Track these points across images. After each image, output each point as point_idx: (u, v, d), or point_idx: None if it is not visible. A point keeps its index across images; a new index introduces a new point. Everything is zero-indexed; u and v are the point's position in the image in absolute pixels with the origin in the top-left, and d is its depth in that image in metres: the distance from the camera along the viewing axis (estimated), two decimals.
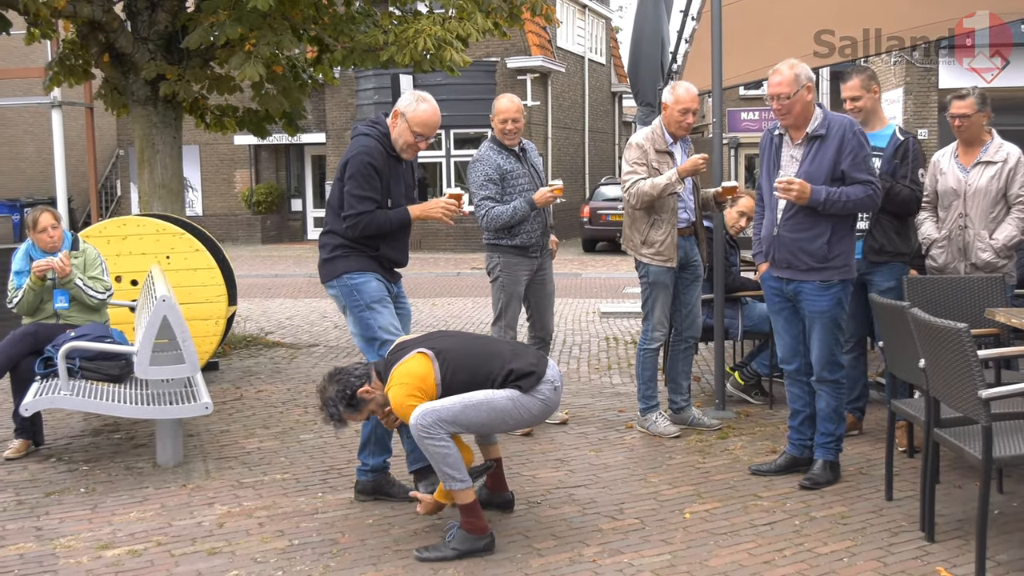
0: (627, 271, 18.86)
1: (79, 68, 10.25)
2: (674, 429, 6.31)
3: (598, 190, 24.38)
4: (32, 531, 4.80)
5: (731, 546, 4.48)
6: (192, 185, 29.53)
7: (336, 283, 5.00)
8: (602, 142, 33.37)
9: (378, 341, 4.92)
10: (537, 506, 5.05)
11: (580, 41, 30.37)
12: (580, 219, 23.92)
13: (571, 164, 29.43)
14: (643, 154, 6.19)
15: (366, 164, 4.89)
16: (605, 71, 33.68)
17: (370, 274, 4.98)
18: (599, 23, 32.96)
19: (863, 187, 5.09)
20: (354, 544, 4.56)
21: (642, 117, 11.36)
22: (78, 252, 6.52)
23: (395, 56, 9.15)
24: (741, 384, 7.20)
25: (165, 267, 7.60)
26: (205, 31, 8.81)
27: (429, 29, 9.13)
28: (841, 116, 5.22)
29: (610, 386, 7.94)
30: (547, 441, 6.27)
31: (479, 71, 23.87)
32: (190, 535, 4.70)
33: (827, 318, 5.20)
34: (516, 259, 6.49)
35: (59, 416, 6.86)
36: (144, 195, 9.75)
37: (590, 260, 21.87)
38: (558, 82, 27.47)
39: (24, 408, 5.59)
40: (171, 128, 9.70)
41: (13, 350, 6.09)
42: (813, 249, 5.16)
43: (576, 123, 29.83)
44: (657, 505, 5.04)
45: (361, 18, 9.79)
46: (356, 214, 4.89)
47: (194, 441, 6.33)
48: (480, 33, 9.53)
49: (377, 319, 4.95)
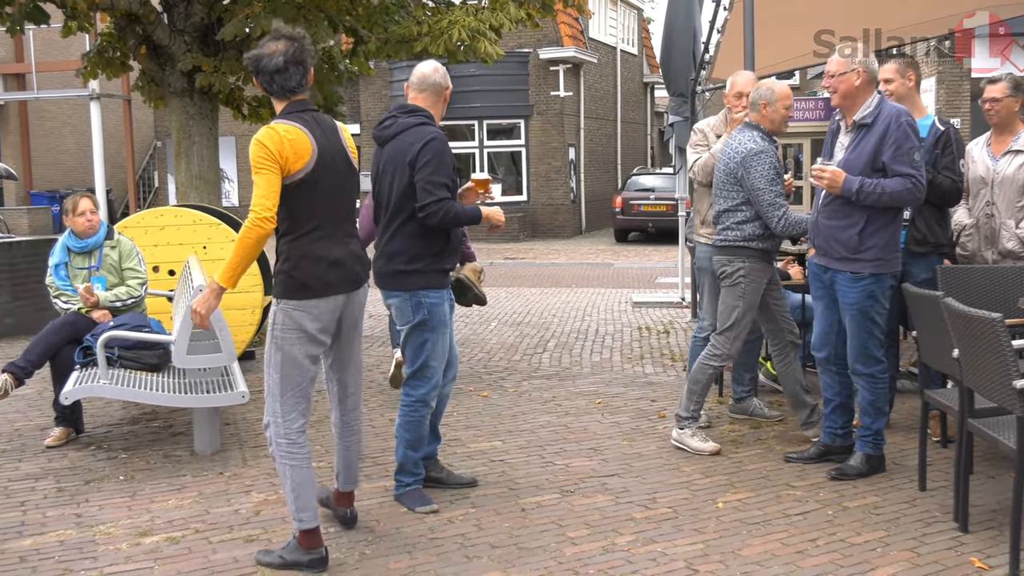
0: (659, 261, 18.83)
1: (116, 60, 10.37)
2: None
3: (630, 180, 24.35)
4: (72, 518, 4.88)
5: (764, 536, 4.49)
6: (228, 176, 29.73)
7: (408, 296, 4.78)
8: (634, 132, 33.26)
9: (426, 367, 4.86)
10: (570, 495, 5.08)
11: (612, 32, 30.27)
12: (612, 209, 23.88)
13: (603, 155, 29.37)
14: (703, 137, 6.31)
15: (443, 150, 4.72)
16: (637, 62, 33.55)
17: (444, 293, 4.84)
18: (631, 14, 32.82)
19: (903, 180, 4.98)
20: (389, 532, 4.61)
21: (674, 107, 11.34)
22: (113, 242, 6.61)
23: (429, 47, 9.19)
24: (773, 374, 7.18)
25: (202, 257, 7.68)
26: (240, 23, 8.88)
27: (463, 20, 9.17)
28: (894, 106, 5.11)
29: (642, 375, 7.94)
30: (580, 430, 6.30)
31: (511, 62, 23.83)
32: (227, 522, 4.77)
33: (857, 310, 5.14)
34: (761, 265, 5.74)
35: (98, 405, 6.96)
36: (181, 186, 9.85)
37: (622, 250, 21.84)
38: (590, 73, 27.40)
39: (64, 396, 5.68)
40: (207, 119, 9.79)
41: (53, 339, 6.18)
42: (844, 238, 5.12)
43: (608, 114, 29.75)
44: (690, 495, 5.05)
45: (395, 9, 9.83)
46: (437, 200, 4.64)
47: (231, 430, 6.40)
48: (513, 23, 9.56)
49: (435, 346, 4.83)
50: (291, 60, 4.11)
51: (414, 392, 4.90)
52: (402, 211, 4.76)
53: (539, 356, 8.86)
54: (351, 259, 4.26)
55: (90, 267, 6.49)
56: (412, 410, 4.91)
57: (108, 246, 6.56)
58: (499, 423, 6.51)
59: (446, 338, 4.91)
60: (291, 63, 4.11)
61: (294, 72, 4.13)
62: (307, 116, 4.18)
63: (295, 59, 4.12)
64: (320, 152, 4.13)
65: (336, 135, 4.29)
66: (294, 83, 4.16)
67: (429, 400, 4.92)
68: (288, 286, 4.14)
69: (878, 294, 5.15)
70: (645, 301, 12.32)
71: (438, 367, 4.90)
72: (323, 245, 4.17)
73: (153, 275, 7.56)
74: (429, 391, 4.90)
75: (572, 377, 7.94)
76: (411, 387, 4.92)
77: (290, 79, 4.14)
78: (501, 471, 5.48)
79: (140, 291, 6.58)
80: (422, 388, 4.89)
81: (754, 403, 6.50)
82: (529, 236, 25.20)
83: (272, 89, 4.18)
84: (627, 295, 13.30)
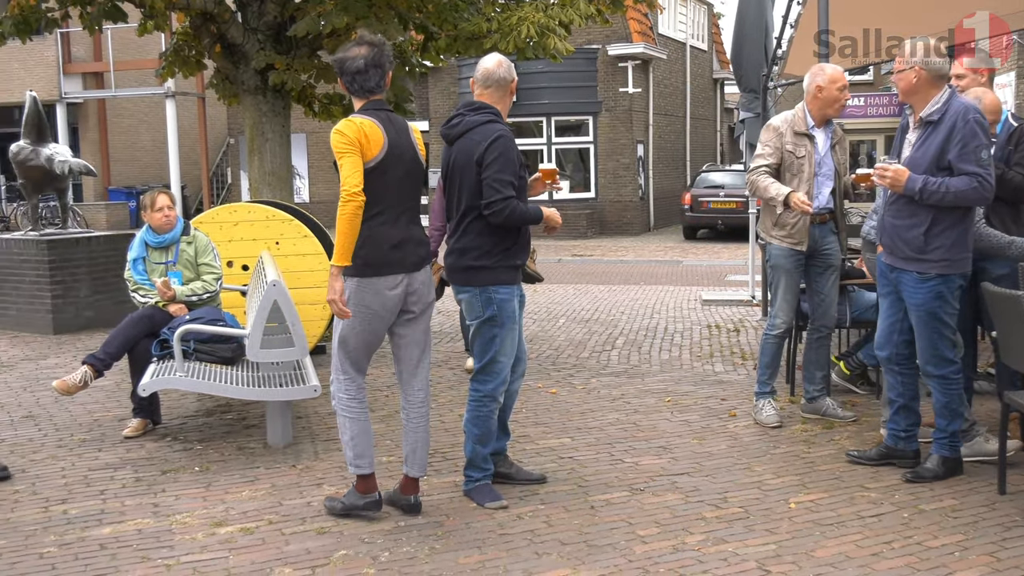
0: (729, 259, 18.65)
1: (192, 59, 10.56)
2: (775, 419, 6.24)
3: (699, 177, 24.15)
4: (150, 507, 4.98)
5: (837, 537, 4.42)
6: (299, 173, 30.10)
7: (478, 292, 4.82)
8: (704, 129, 33.00)
9: (494, 363, 4.89)
10: (640, 493, 5.05)
11: (682, 27, 30.05)
12: (681, 206, 23.72)
13: (672, 151, 29.18)
14: (777, 137, 6.12)
15: (509, 148, 4.74)
16: (707, 57, 33.27)
17: (513, 289, 4.87)
18: (701, 9, 32.56)
19: (968, 179, 4.85)
20: (458, 527, 4.63)
21: (745, 103, 11.23)
22: (189, 238, 6.72)
23: (498, 44, 9.20)
24: (847, 374, 7.08)
25: (275, 252, 7.78)
26: (312, 20, 8.98)
27: (532, 16, 9.16)
28: (963, 102, 4.98)
29: (712, 374, 7.88)
30: (649, 428, 6.27)
31: (580, 58, 23.76)
32: (299, 514, 4.83)
33: (924, 311, 5.04)
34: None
35: (174, 396, 7.09)
36: (254, 182, 9.99)
37: (691, 247, 21.68)
38: (659, 69, 27.23)
39: (142, 388, 5.79)
40: (280, 117, 9.92)
41: (132, 332, 6.31)
42: (910, 238, 5.03)
43: (677, 110, 29.54)
44: (761, 494, 5.00)
45: (464, 6, 9.85)
46: (503, 199, 4.67)
47: (302, 423, 6.48)
48: (583, 19, 9.53)
49: (504, 341, 4.86)
50: (371, 63, 4.55)
51: (482, 387, 4.93)
52: (472, 208, 4.80)
53: (608, 353, 8.83)
54: (412, 243, 4.64)
55: (167, 262, 6.62)
56: (480, 405, 4.93)
57: (185, 241, 6.68)
58: (568, 420, 6.51)
59: (514, 334, 4.93)
60: (371, 66, 4.55)
61: (373, 74, 4.57)
62: (382, 114, 4.60)
63: (375, 62, 4.55)
64: (390, 145, 4.54)
65: (407, 133, 4.70)
66: (372, 84, 4.59)
67: (497, 395, 4.94)
68: (354, 264, 4.52)
69: (946, 294, 5.03)
70: (715, 299, 12.21)
71: (506, 362, 4.92)
72: (386, 229, 4.56)
73: (227, 270, 7.68)
74: (497, 386, 4.92)
75: (641, 375, 7.90)
76: (479, 382, 4.94)
77: (369, 80, 4.58)
78: (570, 468, 5.48)
79: (215, 286, 6.68)
80: (490, 383, 4.92)
81: (827, 403, 6.41)
82: (597, 233, 25.13)
83: (353, 88, 4.62)
84: (696, 293, 13.19)
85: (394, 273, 4.57)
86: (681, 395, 7.16)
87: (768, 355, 6.36)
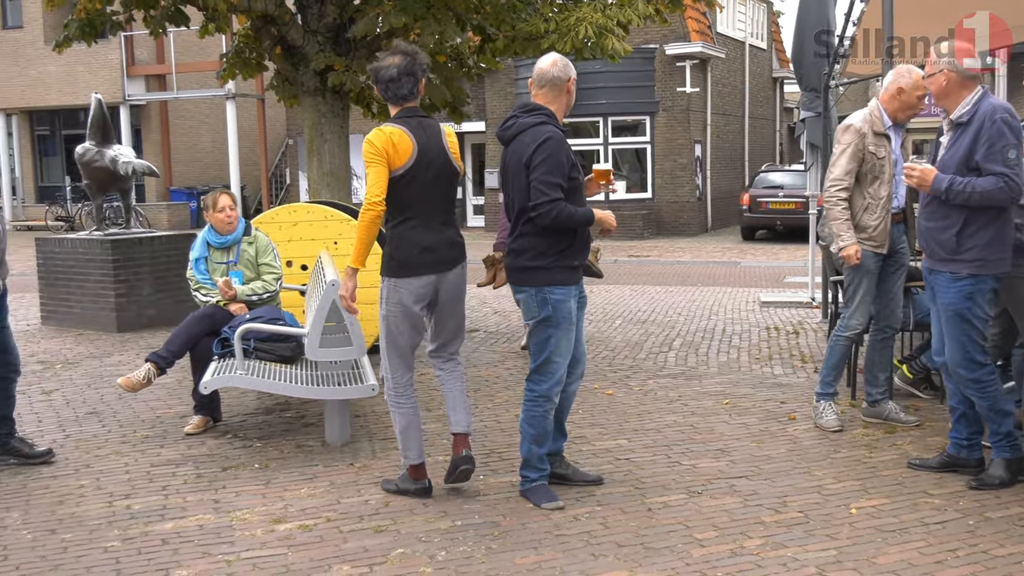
0: (788, 260, 18.45)
1: (253, 61, 10.69)
2: (836, 424, 6.14)
3: (758, 177, 23.92)
4: (211, 503, 5.04)
5: (900, 544, 4.35)
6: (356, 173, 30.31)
7: (533, 292, 4.81)
8: (762, 128, 32.68)
9: (549, 363, 4.88)
10: (698, 496, 5.01)
11: (740, 26, 29.80)
12: (739, 207, 23.52)
13: (730, 151, 28.94)
14: (860, 138, 5.93)
15: (558, 151, 4.72)
16: (766, 56, 32.94)
17: (571, 289, 4.85)
18: (760, 7, 32.26)
19: (995, 179, 4.80)
20: (515, 527, 4.63)
21: (806, 103, 11.09)
22: (250, 238, 6.79)
23: (556, 44, 9.18)
24: (909, 378, 6.97)
25: (333, 252, 7.84)
26: (371, 21, 9.04)
27: (590, 16, 9.14)
28: (992, 103, 4.93)
29: (771, 376, 7.80)
30: (707, 431, 6.22)
31: (637, 58, 23.66)
32: (357, 512, 4.86)
33: (952, 312, 4.97)
34: None
35: (234, 394, 7.17)
36: (313, 183, 10.08)
37: (749, 248, 21.48)
38: (717, 68, 27.02)
39: (203, 386, 5.87)
40: (339, 118, 10.00)
41: (194, 330, 6.39)
42: (943, 239, 5.00)
43: (736, 110, 29.29)
44: (821, 499, 4.94)
45: (522, 6, 9.86)
46: (550, 201, 4.64)
47: (360, 422, 6.52)
48: (641, 19, 9.48)
49: (560, 342, 4.85)
50: (403, 72, 4.82)
51: (537, 387, 4.92)
52: (526, 210, 4.80)
53: (664, 355, 8.78)
54: (444, 245, 4.93)
55: (228, 262, 6.70)
56: (535, 405, 4.92)
57: (246, 242, 6.75)
58: (624, 421, 6.48)
59: (571, 335, 4.91)
60: (403, 74, 4.82)
61: (405, 82, 4.84)
62: (413, 121, 4.86)
63: (407, 71, 4.83)
64: (420, 152, 4.80)
65: (439, 138, 4.94)
66: (405, 91, 4.87)
67: (551, 395, 4.93)
68: (390, 265, 4.89)
69: (977, 296, 4.96)
70: (773, 301, 12.09)
71: (561, 363, 4.90)
72: (419, 232, 4.86)
73: (286, 270, 7.76)
74: (551, 387, 4.91)
75: (698, 377, 7.84)
76: (534, 382, 4.93)
77: (402, 88, 4.85)
78: (627, 470, 5.45)
79: (275, 286, 6.75)
80: (545, 383, 4.91)
81: (889, 407, 6.31)
82: (653, 234, 25.00)
83: (387, 96, 4.90)
84: (754, 294, 13.07)
85: (426, 274, 4.88)
86: (739, 398, 7.10)
87: (837, 356, 6.24)
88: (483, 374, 7.98)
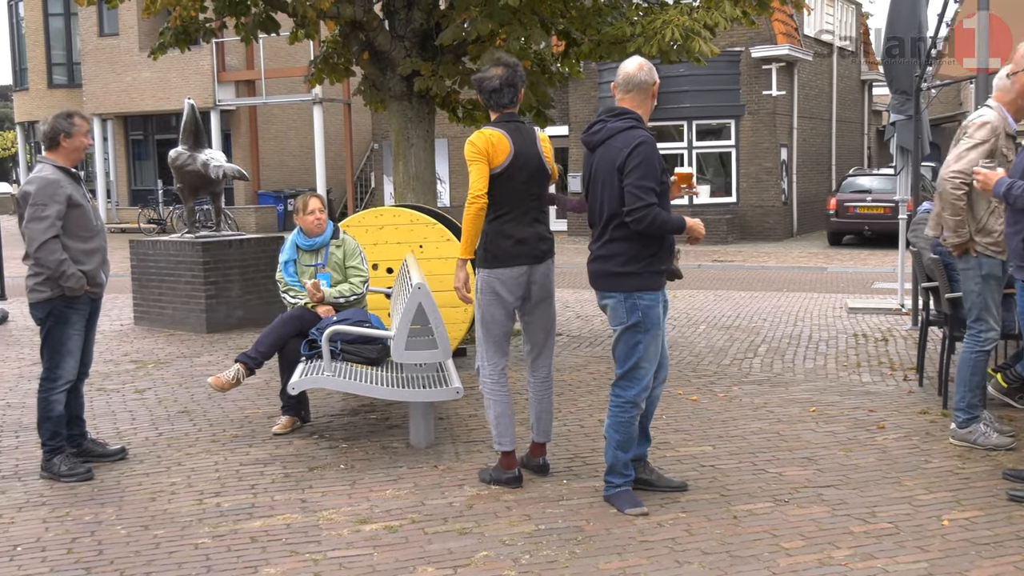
0: (875, 266, 18.10)
1: (340, 66, 10.83)
2: (1008, 440, 5.81)
3: (846, 181, 23.50)
4: (298, 503, 5.12)
5: (994, 558, 4.24)
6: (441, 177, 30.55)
7: (622, 297, 4.81)
8: (850, 132, 32.11)
9: (638, 368, 4.87)
10: (784, 504, 4.95)
11: (828, 28, 29.31)
12: (826, 212, 23.13)
13: (817, 155, 28.49)
14: (996, 138, 5.58)
15: (651, 155, 4.72)
16: (855, 58, 32.38)
17: (658, 295, 4.86)
18: (849, 9, 31.70)
19: None
20: (599, 532, 4.62)
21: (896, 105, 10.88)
22: (338, 241, 6.89)
23: (642, 47, 9.12)
24: (1004, 387, 6.78)
25: (418, 256, 7.92)
26: (458, 27, 9.10)
27: (677, 19, 9.07)
28: None
29: (859, 384, 7.65)
30: (793, 438, 6.13)
31: (722, 61, 23.42)
32: (442, 514, 4.90)
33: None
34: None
35: (320, 395, 7.27)
36: (399, 186, 10.18)
37: (835, 254, 21.12)
38: (804, 71, 26.62)
39: (291, 387, 5.96)
40: (425, 122, 10.08)
41: (282, 331, 6.50)
42: (1014, 245, 4.93)
43: (823, 113, 28.83)
44: (912, 510, 4.83)
45: (608, 10, 9.83)
46: (645, 206, 4.64)
47: (444, 424, 6.56)
48: (728, 22, 9.38)
49: (648, 348, 4.85)
50: (505, 83, 5.17)
51: (624, 393, 4.90)
52: (616, 215, 4.79)
53: (749, 361, 8.68)
54: (535, 238, 5.22)
55: (317, 264, 6.80)
56: (622, 411, 4.91)
57: (334, 245, 6.85)
58: (709, 428, 6.42)
59: (658, 340, 4.90)
60: (505, 85, 5.17)
61: (507, 92, 5.20)
62: (511, 126, 5.19)
63: (508, 82, 5.18)
64: (516, 153, 5.12)
65: (533, 142, 5.25)
66: (506, 100, 5.22)
67: (639, 401, 4.91)
68: (485, 257, 5.22)
69: None
70: (861, 307, 11.86)
71: (649, 368, 4.89)
72: (512, 226, 5.17)
73: (372, 273, 7.84)
74: (639, 392, 4.89)
75: (784, 383, 7.73)
76: (621, 388, 4.92)
77: (503, 97, 5.21)
78: (712, 476, 5.41)
79: (362, 288, 6.83)
80: (632, 389, 4.89)
81: (980, 428, 6.13)
82: (737, 239, 24.73)
83: (489, 104, 5.26)
84: (842, 300, 12.85)
85: (519, 265, 5.18)
86: (826, 405, 6.98)
87: (980, 374, 5.87)
88: (566, 378, 7.97)
